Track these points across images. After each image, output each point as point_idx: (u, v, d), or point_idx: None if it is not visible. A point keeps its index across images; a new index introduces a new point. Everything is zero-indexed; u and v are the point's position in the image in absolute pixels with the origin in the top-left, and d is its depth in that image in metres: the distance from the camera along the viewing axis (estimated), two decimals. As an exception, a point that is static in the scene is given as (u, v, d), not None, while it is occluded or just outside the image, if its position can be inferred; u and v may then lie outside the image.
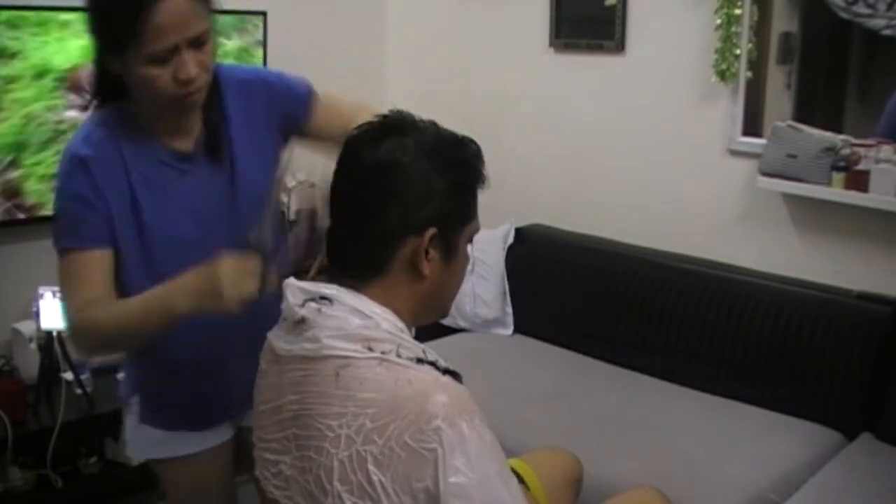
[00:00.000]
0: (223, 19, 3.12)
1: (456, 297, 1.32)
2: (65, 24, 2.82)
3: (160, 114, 1.50)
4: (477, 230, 1.28)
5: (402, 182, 1.18)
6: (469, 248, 1.29)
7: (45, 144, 2.86)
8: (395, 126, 1.23)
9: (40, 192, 2.87)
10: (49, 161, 2.86)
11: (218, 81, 1.55)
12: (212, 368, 1.64)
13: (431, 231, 1.19)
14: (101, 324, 1.46)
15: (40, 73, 2.83)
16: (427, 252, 1.20)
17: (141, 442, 1.71)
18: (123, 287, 1.51)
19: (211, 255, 1.38)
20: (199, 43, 1.41)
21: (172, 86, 1.41)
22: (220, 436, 1.72)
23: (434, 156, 1.20)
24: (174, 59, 1.39)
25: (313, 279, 1.31)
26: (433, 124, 1.25)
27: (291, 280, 1.26)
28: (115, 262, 1.50)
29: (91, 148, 1.47)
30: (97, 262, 1.47)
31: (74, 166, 1.46)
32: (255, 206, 1.48)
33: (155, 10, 1.34)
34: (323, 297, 1.20)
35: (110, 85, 1.49)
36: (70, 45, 2.85)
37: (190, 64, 1.40)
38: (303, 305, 1.21)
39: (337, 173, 1.25)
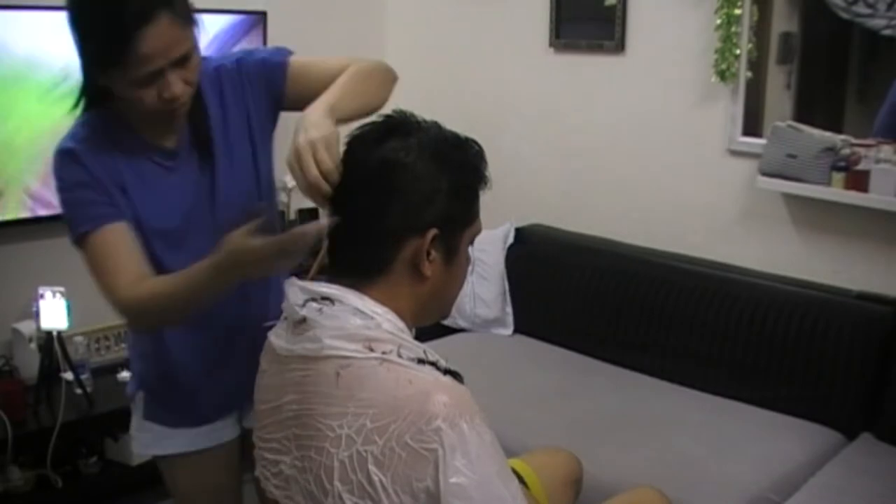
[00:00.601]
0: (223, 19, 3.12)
1: (457, 298, 1.32)
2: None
3: (145, 118, 1.49)
4: (479, 232, 1.28)
5: (404, 182, 1.18)
6: (470, 249, 1.29)
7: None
8: (399, 126, 1.22)
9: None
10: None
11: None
12: (212, 367, 1.64)
13: (433, 232, 1.19)
14: (162, 294, 1.41)
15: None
16: (428, 253, 1.20)
17: (144, 438, 1.72)
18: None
19: (199, 247, 1.37)
20: (183, 61, 1.40)
21: (157, 103, 1.41)
22: (223, 435, 1.72)
23: (437, 156, 1.20)
24: (159, 80, 1.38)
25: (313, 278, 1.30)
26: (436, 124, 1.25)
27: (293, 279, 1.26)
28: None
29: (78, 143, 1.46)
30: (121, 236, 1.44)
31: (65, 159, 1.45)
32: (234, 197, 1.52)
33: (139, 38, 1.31)
34: (324, 297, 1.20)
35: (95, 91, 1.47)
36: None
37: (175, 84, 1.39)
38: (304, 305, 1.21)
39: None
